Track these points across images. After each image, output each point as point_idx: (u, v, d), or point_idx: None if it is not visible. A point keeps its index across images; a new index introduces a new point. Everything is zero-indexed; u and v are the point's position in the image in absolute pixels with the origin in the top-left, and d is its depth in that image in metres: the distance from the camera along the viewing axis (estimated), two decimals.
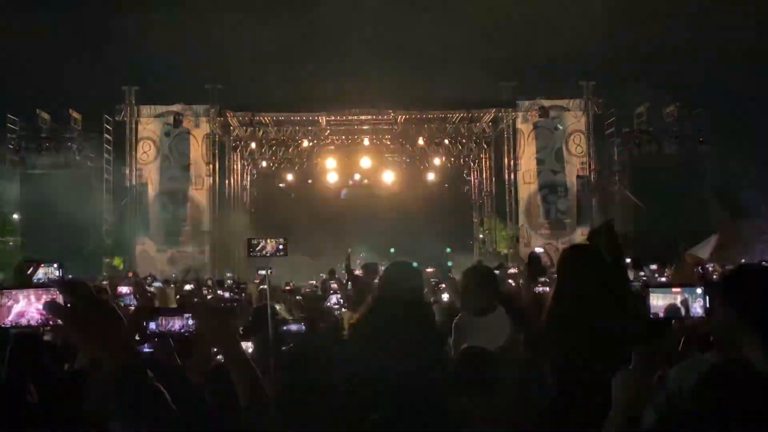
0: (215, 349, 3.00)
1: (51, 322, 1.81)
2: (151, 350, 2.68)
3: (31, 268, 3.06)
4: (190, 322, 2.37)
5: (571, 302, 3.36)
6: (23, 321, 1.83)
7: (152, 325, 2.38)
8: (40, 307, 1.83)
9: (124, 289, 9.93)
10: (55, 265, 3.30)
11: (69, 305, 1.70)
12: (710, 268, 15.94)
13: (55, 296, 1.81)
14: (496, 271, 8.70)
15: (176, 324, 2.38)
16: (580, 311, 3.28)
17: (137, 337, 2.61)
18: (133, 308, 5.97)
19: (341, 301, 6.80)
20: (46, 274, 3.18)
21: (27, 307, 1.83)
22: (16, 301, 1.82)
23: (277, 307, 5.79)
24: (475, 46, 26.78)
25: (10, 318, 1.83)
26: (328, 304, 6.54)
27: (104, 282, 17.27)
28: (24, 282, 2.90)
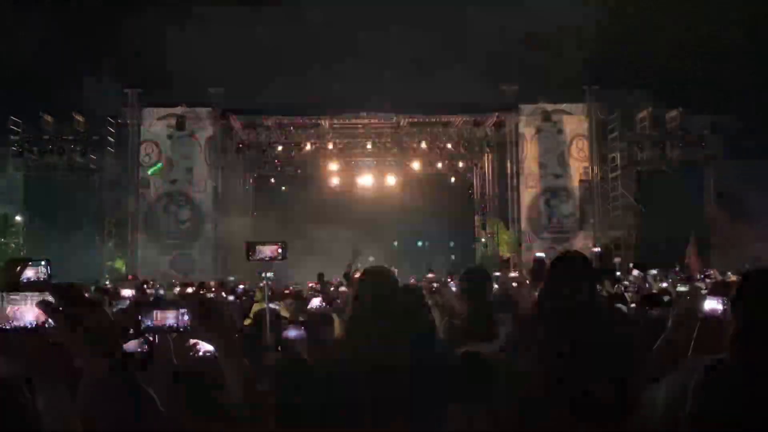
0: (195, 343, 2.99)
1: (45, 324, 1.80)
2: (146, 349, 2.67)
3: (19, 267, 3.03)
4: (186, 317, 2.35)
5: (549, 311, 3.39)
6: (20, 323, 1.82)
7: (147, 320, 2.36)
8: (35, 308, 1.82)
9: (126, 292, 9.92)
10: (43, 263, 3.26)
11: (60, 308, 1.70)
12: (711, 273, 15.98)
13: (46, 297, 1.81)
14: (497, 274, 8.70)
15: (171, 319, 2.36)
16: (556, 320, 3.32)
17: (131, 331, 2.59)
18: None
19: (323, 304, 6.77)
20: (36, 273, 3.16)
21: (25, 310, 1.82)
22: (15, 304, 1.82)
23: (273, 306, 5.79)
24: (478, 50, 26.73)
25: (12, 322, 1.83)
26: (310, 306, 6.51)
27: (107, 284, 17.37)
28: (11, 281, 2.89)
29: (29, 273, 3.09)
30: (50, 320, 1.72)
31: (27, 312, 1.79)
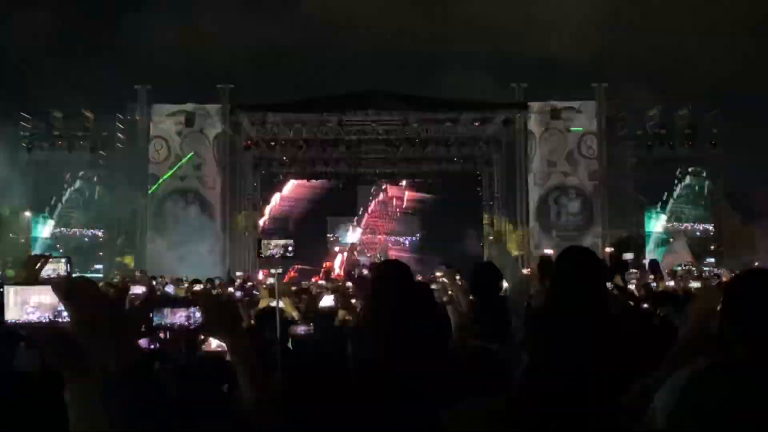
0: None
1: (60, 319, 1.81)
2: (157, 346, 2.67)
3: (39, 264, 3.07)
4: (197, 314, 2.35)
5: (559, 305, 3.36)
6: (34, 318, 1.83)
7: (159, 318, 2.36)
8: (52, 303, 1.83)
9: (137, 290, 9.92)
10: (63, 260, 3.30)
11: (74, 300, 1.70)
12: (721, 274, 15.93)
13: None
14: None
15: (183, 317, 2.36)
16: (563, 316, 3.29)
17: (143, 328, 2.60)
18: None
19: (334, 302, 6.77)
20: (55, 269, 3.19)
21: (39, 304, 1.83)
22: (28, 298, 1.83)
23: (281, 304, 5.80)
24: (488, 47, 26.72)
25: (24, 316, 1.84)
26: (322, 304, 6.49)
27: (115, 279, 17.45)
28: (32, 277, 2.91)
29: (49, 269, 3.13)
30: (65, 314, 1.73)
31: (43, 306, 1.80)
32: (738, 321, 2.19)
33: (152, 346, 2.49)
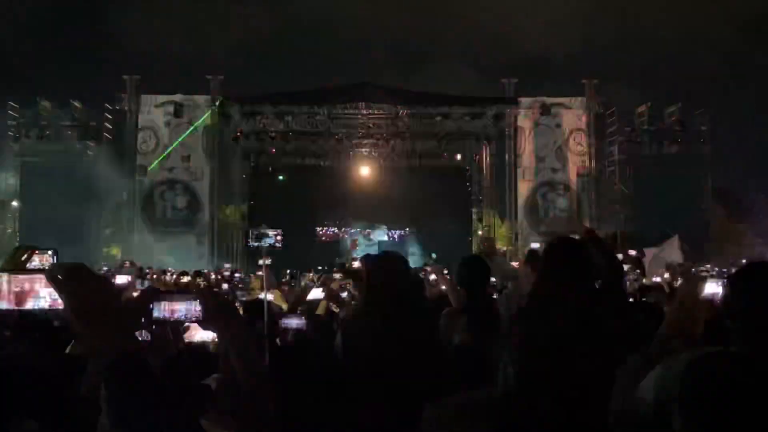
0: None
1: (56, 306, 1.79)
2: (148, 337, 2.66)
3: (26, 255, 3.04)
4: (197, 307, 2.33)
5: (548, 294, 3.33)
6: (30, 305, 1.82)
7: (156, 310, 2.34)
8: (47, 291, 1.82)
9: (123, 279, 9.87)
10: (50, 252, 3.28)
11: (69, 289, 1.68)
12: (709, 269, 16.02)
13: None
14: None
15: (181, 309, 2.34)
16: (554, 303, 3.26)
17: (143, 320, 2.58)
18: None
19: (323, 294, 6.75)
20: (41, 261, 3.17)
21: (33, 291, 1.82)
22: (23, 285, 1.81)
23: (270, 297, 5.78)
24: (479, 43, 26.71)
25: (21, 302, 1.82)
26: (310, 297, 6.49)
27: (101, 270, 17.35)
28: (18, 268, 2.89)
29: (36, 261, 3.11)
30: (60, 302, 1.71)
31: (39, 293, 1.78)
32: (739, 312, 2.20)
33: (144, 338, 2.48)
